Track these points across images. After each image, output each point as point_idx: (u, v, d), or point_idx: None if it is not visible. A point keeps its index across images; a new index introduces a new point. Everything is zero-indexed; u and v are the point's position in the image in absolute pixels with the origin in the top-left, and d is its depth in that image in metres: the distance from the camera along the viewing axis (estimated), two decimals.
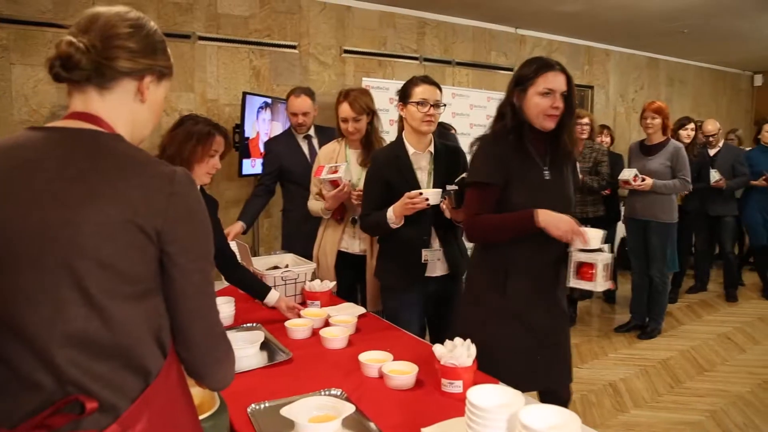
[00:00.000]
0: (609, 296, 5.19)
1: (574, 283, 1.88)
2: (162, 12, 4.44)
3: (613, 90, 7.76)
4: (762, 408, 3.17)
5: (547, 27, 6.66)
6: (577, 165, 4.29)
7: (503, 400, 1.13)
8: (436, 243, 2.32)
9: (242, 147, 4.07)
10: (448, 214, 2.24)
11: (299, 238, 3.18)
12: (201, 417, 1.17)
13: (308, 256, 2.81)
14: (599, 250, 1.84)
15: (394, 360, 1.70)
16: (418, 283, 2.31)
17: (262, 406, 1.47)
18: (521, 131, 1.89)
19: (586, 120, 4.38)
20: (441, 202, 2.20)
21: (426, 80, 2.28)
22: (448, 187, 2.20)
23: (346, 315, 2.17)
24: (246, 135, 4.08)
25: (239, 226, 3.17)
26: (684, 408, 3.18)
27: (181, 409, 0.98)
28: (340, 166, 2.52)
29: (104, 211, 0.86)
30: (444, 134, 3.61)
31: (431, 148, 2.35)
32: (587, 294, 5.05)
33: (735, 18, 6.17)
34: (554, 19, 6.17)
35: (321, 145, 3.45)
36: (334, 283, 2.45)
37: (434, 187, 2.28)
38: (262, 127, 4.27)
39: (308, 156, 3.42)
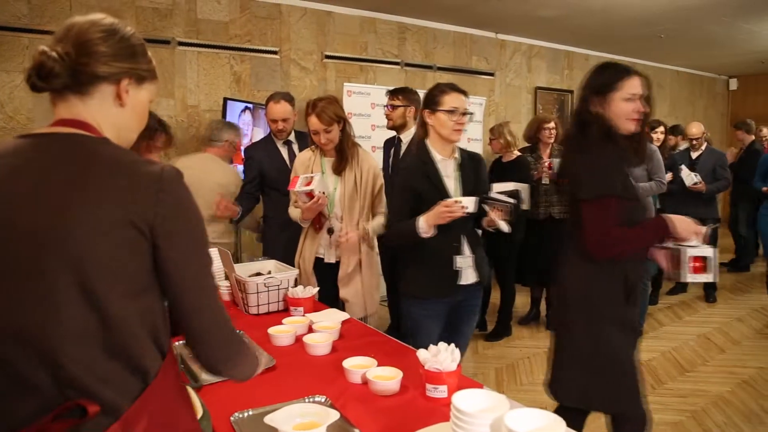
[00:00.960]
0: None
1: (690, 278, 1.89)
2: (141, 17, 4.40)
3: None
4: (742, 407, 3.21)
5: (527, 32, 6.73)
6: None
7: (488, 405, 1.13)
8: (466, 250, 2.30)
9: None
10: (488, 224, 2.23)
11: (280, 244, 3.16)
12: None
13: (290, 262, 2.79)
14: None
15: (378, 366, 1.69)
16: (448, 292, 2.29)
17: (246, 414, 1.45)
18: (615, 138, 1.89)
19: (552, 125, 4.38)
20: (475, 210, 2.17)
21: (455, 88, 2.24)
22: (503, 198, 2.17)
23: (330, 321, 2.16)
24: None
25: (236, 206, 3.19)
26: (665, 408, 3.21)
27: (179, 410, 0.99)
28: (314, 177, 2.51)
29: (94, 213, 0.87)
30: None
31: (456, 155, 2.33)
32: None
33: (711, 23, 6.29)
34: (534, 24, 6.23)
35: (301, 150, 3.44)
36: (317, 289, 2.43)
37: (464, 194, 2.25)
38: (244, 133, 4.24)
39: (288, 162, 3.41)
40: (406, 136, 3.53)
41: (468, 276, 2.30)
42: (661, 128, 4.75)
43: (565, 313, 1.98)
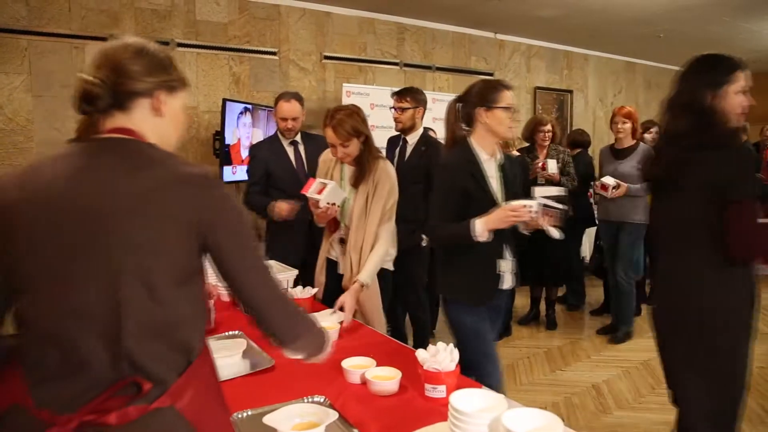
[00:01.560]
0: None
1: None
2: (140, 19, 4.40)
3: (592, 94, 7.86)
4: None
5: (526, 32, 6.73)
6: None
7: (486, 404, 1.13)
8: (508, 254, 2.24)
9: (223, 154, 4.04)
10: (530, 228, 2.18)
11: (283, 245, 3.15)
12: None
13: (292, 263, 2.79)
14: None
15: (377, 366, 1.69)
16: (492, 297, 2.22)
17: (245, 414, 1.45)
18: (742, 134, 1.88)
19: (548, 127, 4.35)
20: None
21: (509, 86, 2.20)
22: (552, 203, 2.12)
23: (329, 321, 2.16)
24: (226, 142, 4.04)
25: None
26: (666, 408, 3.17)
27: (217, 386, 1.10)
28: (328, 185, 2.41)
29: (153, 206, 0.97)
30: (429, 138, 3.61)
31: (498, 155, 2.24)
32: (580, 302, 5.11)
33: (710, 23, 6.30)
34: (533, 24, 6.23)
35: (307, 152, 3.43)
36: (317, 289, 2.43)
37: (507, 196, 2.19)
38: (243, 133, 4.25)
39: (294, 162, 3.40)
40: (413, 138, 3.52)
41: (507, 280, 2.24)
42: (656, 128, 4.70)
43: (701, 328, 1.84)
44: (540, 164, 4.24)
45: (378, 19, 5.74)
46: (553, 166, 4.19)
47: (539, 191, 3.67)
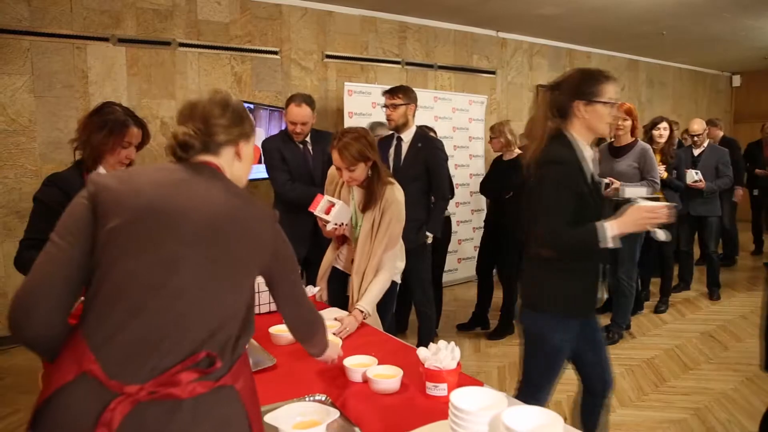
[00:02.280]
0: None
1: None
2: (141, 19, 4.41)
3: None
4: (745, 405, 3.20)
5: (528, 30, 6.72)
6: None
7: (487, 402, 1.13)
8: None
9: None
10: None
11: (291, 240, 3.09)
12: None
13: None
14: None
15: (379, 364, 1.69)
16: (593, 309, 2.05)
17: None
18: None
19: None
20: None
21: (611, 77, 2.00)
22: (660, 203, 1.92)
23: (331, 320, 2.16)
24: None
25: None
26: (669, 406, 3.20)
27: (253, 381, 1.19)
28: (336, 204, 2.38)
29: (240, 224, 1.16)
30: (424, 135, 3.61)
31: (590, 151, 2.03)
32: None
33: (713, 20, 6.28)
34: (535, 22, 6.22)
35: (314, 151, 3.44)
36: (319, 288, 2.43)
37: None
38: None
39: (304, 157, 3.41)
40: (407, 135, 3.52)
41: (602, 291, 2.13)
42: (664, 124, 4.58)
43: None
44: None
45: (380, 18, 5.74)
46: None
47: (630, 192, 3.58)
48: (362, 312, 2.26)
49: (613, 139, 4.22)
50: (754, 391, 3.38)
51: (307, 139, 3.44)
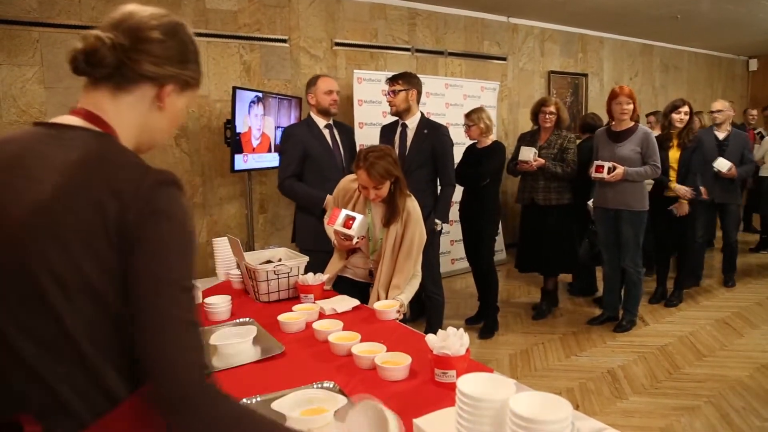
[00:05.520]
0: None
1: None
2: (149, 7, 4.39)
3: (607, 77, 7.74)
4: (761, 392, 3.16)
5: (539, 15, 6.63)
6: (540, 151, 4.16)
7: (494, 389, 1.12)
8: None
9: (234, 143, 4.04)
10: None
11: (323, 236, 2.86)
12: None
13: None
14: None
15: (388, 351, 1.68)
16: None
17: (254, 400, 1.45)
18: None
19: (551, 108, 4.18)
20: None
21: None
22: None
23: (341, 307, 2.17)
24: (237, 130, 4.04)
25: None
26: (683, 394, 3.17)
27: None
28: (357, 218, 2.38)
29: (67, 214, 0.82)
30: (429, 121, 3.58)
31: None
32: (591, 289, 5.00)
33: (728, 2, 6.14)
34: (546, 7, 6.14)
35: (342, 138, 3.40)
36: (328, 275, 2.42)
37: None
38: (254, 122, 4.24)
39: (331, 145, 3.34)
40: (412, 122, 3.49)
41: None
42: (685, 108, 4.38)
43: None
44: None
45: (389, 5, 5.68)
46: (526, 154, 4.07)
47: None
48: (402, 305, 2.32)
49: (612, 124, 4.12)
50: (764, 375, 3.33)
51: (332, 122, 3.39)
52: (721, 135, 4.91)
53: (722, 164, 4.67)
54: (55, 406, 0.83)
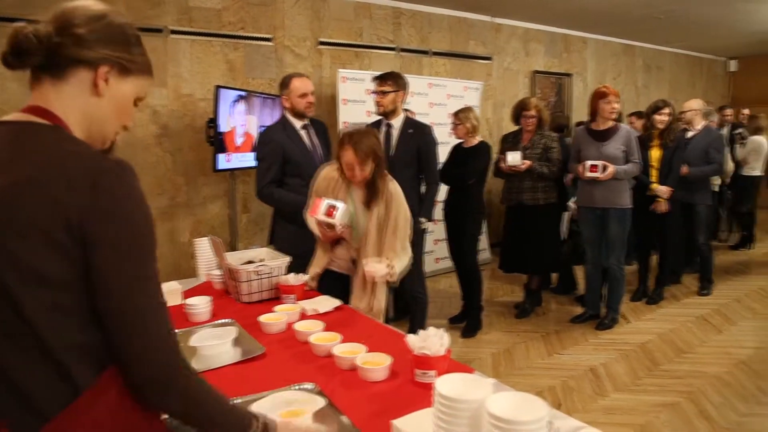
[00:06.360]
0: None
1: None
2: (132, 5, 4.36)
3: (591, 77, 7.80)
4: (739, 387, 3.22)
5: (523, 15, 6.67)
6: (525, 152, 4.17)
7: (472, 389, 1.12)
8: None
9: (217, 142, 4.01)
10: None
11: (302, 240, 2.86)
12: (165, 416, 1.15)
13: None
14: None
15: (369, 352, 1.68)
16: None
17: (234, 402, 1.44)
18: None
19: (533, 112, 4.18)
20: None
21: None
22: None
23: (322, 308, 2.16)
24: (221, 129, 4.02)
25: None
26: (663, 390, 3.22)
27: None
28: (338, 206, 2.35)
29: (22, 207, 0.83)
30: (414, 121, 3.59)
31: None
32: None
33: (708, 4, 6.22)
34: (530, 7, 6.17)
35: (318, 136, 3.33)
36: (309, 275, 2.42)
37: None
38: (238, 121, 4.22)
39: (309, 145, 3.26)
40: (397, 122, 3.49)
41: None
42: (667, 109, 4.42)
43: None
44: (501, 158, 4.20)
45: (374, 4, 5.68)
46: (514, 158, 4.09)
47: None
48: (394, 271, 2.35)
49: (593, 123, 4.14)
50: (747, 374, 3.39)
51: (308, 122, 3.33)
52: (690, 134, 4.83)
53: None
54: (17, 400, 0.85)
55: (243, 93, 4.34)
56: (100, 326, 0.88)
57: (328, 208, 2.36)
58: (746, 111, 7.01)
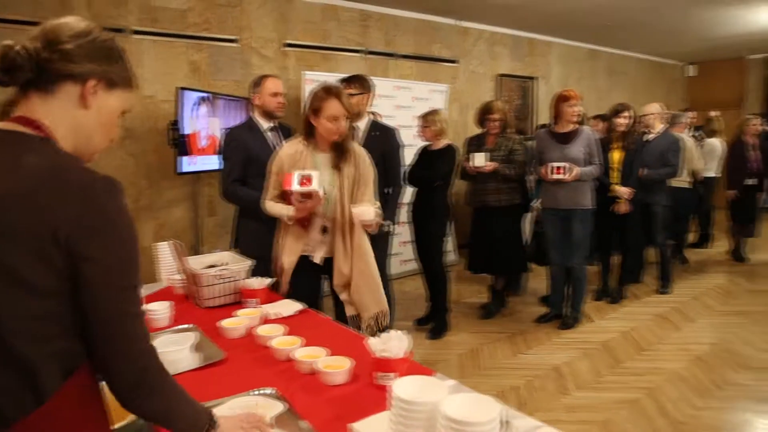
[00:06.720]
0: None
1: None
2: (93, 5, 4.27)
3: (555, 81, 7.94)
4: (695, 382, 3.32)
5: (489, 19, 6.75)
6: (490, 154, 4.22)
7: (428, 391, 1.14)
8: None
9: (179, 144, 3.96)
10: None
11: (266, 241, 2.86)
12: (117, 425, 1.14)
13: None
14: None
15: (332, 355, 1.69)
16: None
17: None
18: None
19: (496, 116, 4.23)
20: None
21: None
22: None
23: (285, 311, 2.16)
24: (184, 132, 3.97)
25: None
26: (624, 387, 3.30)
27: None
28: (311, 174, 2.34)
29: (11, 216, 0.85)
30: (378, 123, 3.60)
31: None
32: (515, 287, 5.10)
33: (666, 11, 6.40)
34: (496, 11, 6.26)
35: (284, 137, 3.30)
36: (270, 280, 2.40)
37: None
38: (201, 123, 4.17)
39: (274, 147, 3.19)
40: (362, 124, 3.50)
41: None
42: (626, 113, 4.54)
43: None
44: (465, 160, 4.25)
45: (341, 6, 5.68)
46: (479, 160, 4.12)
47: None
48: (379, 208, 2.47)
49: (552, 125, 4.21)
50: (703, 369, 3.50)
51: (276, 124, 3.32)
52: (649, 137, 4.92)
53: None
54: None
55: (207, 95, 4.29)
56: (79, 334, 0.92)
57: (302, 178, 2.34)
58: (713, 113, 7.05)
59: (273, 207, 2.57)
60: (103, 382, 0.97)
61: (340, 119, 2.41)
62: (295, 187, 2.34)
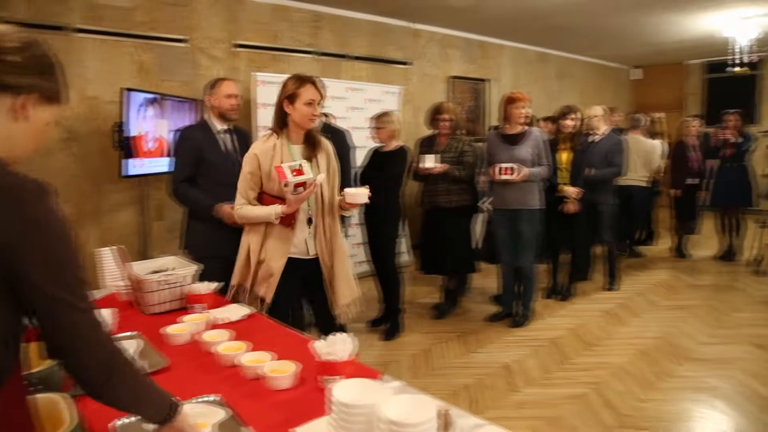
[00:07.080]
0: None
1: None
2: (33, 1, 4.10)
3: (507, 83, 8.08)
4: (638, 375, 3.44)
5: (441, 21, 6.83)
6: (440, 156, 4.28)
7: (368, 394, 1.14)
8: None
9: (125, 146, 3.85)
10: None
11: (216, 241, 2.93)
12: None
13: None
14: None
15: (279, 359, 1.67)
16: None
17: (128, 420, 1.39)
18: None
19: (446, 116, 4.30)
20: None
21: None
22: None
23: (232, 316, 2.13)
24: (129, 134, 3.86)
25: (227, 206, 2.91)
26: (571, 382, 3.38)
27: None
28: (301, 164, 2.36)
29: None
30: (330, 126, 3.60)
31: None
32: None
33: (604, 17, 6.61)
34: (448, 13, 6.33)
35: (240, 143, 3.27)
36: (217, 284, 2.36)
37: None
38: (149, 125, 4.07)
39: (227, 149, 3.21)
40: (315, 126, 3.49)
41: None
42: (573, 114, 4.68)
43: None
44: (416, 161, 4.29)
45: (292, 7, 5.65)
46: (428, 162, 4.15)
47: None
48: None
49: (502, 127, 4.29)
50: (647, 363, 3.63)
51: (231, 127, 3.27)
52: (595, 138, 5.05)
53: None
54: None
55: (154, 96, 4.19)
56: (6, 346, 0.93)
57: (293, 170, 2.34)
58: (658, 115, 7.20)
59: (252, 211, 2.50)
60: (33, 396, 0.96)
61: (316, 104, 2.47)
62: (290, 178, 2.32)
